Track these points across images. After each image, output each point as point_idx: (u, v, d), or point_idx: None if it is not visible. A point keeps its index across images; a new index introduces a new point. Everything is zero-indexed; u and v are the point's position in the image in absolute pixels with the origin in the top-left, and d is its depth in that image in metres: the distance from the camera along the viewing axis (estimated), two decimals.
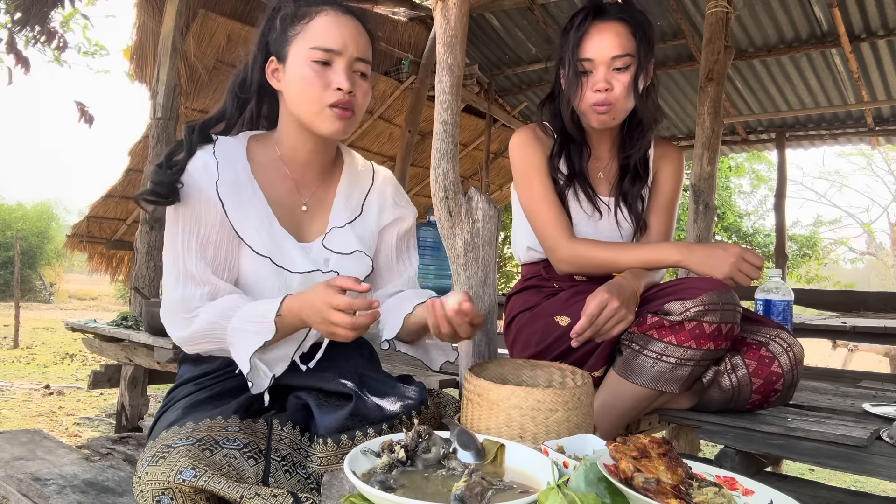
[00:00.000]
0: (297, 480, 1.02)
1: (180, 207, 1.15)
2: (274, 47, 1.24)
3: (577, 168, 1.70)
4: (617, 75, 1.58)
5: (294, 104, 1.21)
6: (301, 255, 1.22)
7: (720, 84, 3.19)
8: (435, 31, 1.64)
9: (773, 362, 1.50)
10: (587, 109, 1.61)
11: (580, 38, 1.59)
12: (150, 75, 3.92)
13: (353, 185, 1.34)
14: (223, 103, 1.28)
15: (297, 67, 1.19)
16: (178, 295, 1.13)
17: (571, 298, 1.63)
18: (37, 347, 7.65)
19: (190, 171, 1.16)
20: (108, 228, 6.11)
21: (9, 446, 1.81)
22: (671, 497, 0.75)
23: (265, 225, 1.20)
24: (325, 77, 1.18)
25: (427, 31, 5.63)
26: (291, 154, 1.27)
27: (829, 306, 4.81)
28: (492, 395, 1.07)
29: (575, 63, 1.60)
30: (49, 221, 17.88)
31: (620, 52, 1.56)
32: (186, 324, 1.12)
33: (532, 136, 1.73)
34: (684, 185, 2.09)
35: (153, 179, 1.13)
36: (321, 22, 1.20)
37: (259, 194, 1.22)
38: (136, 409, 3.19)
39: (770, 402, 1.55)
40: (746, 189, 15.90)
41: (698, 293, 1.43)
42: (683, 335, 1.44)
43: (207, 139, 1.23)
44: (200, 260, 1.15)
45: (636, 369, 1.49)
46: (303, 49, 1.19)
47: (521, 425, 1.05)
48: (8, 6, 4.00)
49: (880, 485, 3.33)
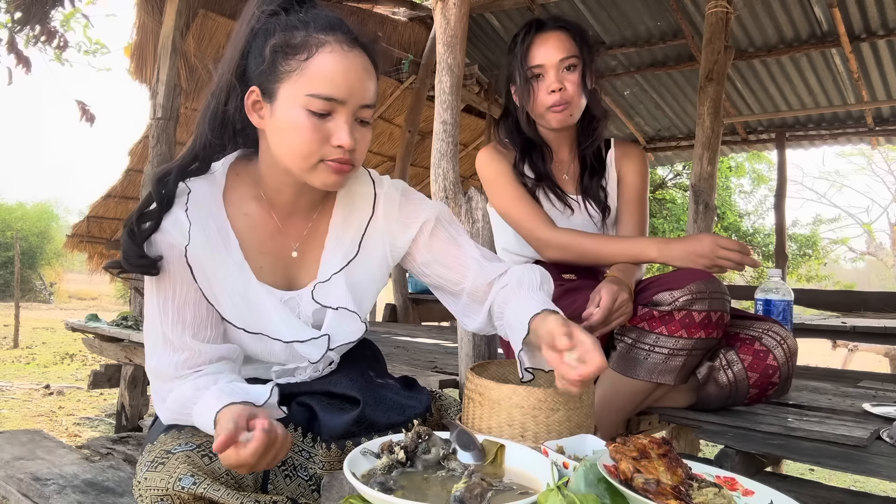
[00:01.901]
0: (298, 484, 1.01)
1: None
2: (259, 79, 1.02)
3: (543, 170, 1.77)
4: (567, 75, 1.68)
5: (281, 153, 1.03)
6: (283, 315, 1.09)
7: (720, 84, 3.19)
8: (435, 31, 1.64)
9: (768, 356, 1.54)
10: (544, 112, 1.69)
11: (527, 49, 1.69)
12: (150, 75, 3.92)
13: (349, 217, 1.16)
14: (194, 140, 1.08)
15: (289, 114, 0.99)
16: (155, 362, 1.04)
17: (562, 297, 1.65)
18: (37, 347, 7.65)
19: (164, 227, 1.02)
20: (108, 228, 6.12)
21: (9, 446, 1.81)
22: (671, 498, 0.75)
23: (239, 287, 1.06)
24: (323, 130, 1.00)
25: (427, 31, 5.62)
26: (275, 196, 1.11)
27: (829, 306, 4.81)
28: (493, 394, 1.07)
29: (525, 71, 1.69)
30: (49, 221, 17.90)
31: (566, 54, 1.67)
32: (163, 395, 1.04)
33: (494, 151, 1.79)
34: (685, 185, 2.12)
35: (124, 250, 1.00)
36: (324, 61, 0.99)
37: (235, 250, 1.07)
38: (136, 409, 3.19)
39: (768, 395, 1.58)
40: (746, 189, 15.90)
41: (686, 282, 1.46)
42: (674, 325, 1.46)
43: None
44: (178, 323, 1.03)
45: (630, 363, 1.52)
46: (298, 93, 0.99)
47: (522, 424, 1.05)
48: (8, 6, 4.00)
49: (880, 485, 3.33)
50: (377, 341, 1.36)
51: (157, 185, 1.03)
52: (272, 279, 1.11)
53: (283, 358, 1.13)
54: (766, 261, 13.20)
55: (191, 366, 1.02)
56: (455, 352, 2.56)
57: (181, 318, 1.03)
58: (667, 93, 5.79)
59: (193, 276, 1.03)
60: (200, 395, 0.98)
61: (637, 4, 4.85)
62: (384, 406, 1.12)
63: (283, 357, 1.13)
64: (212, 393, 0.96)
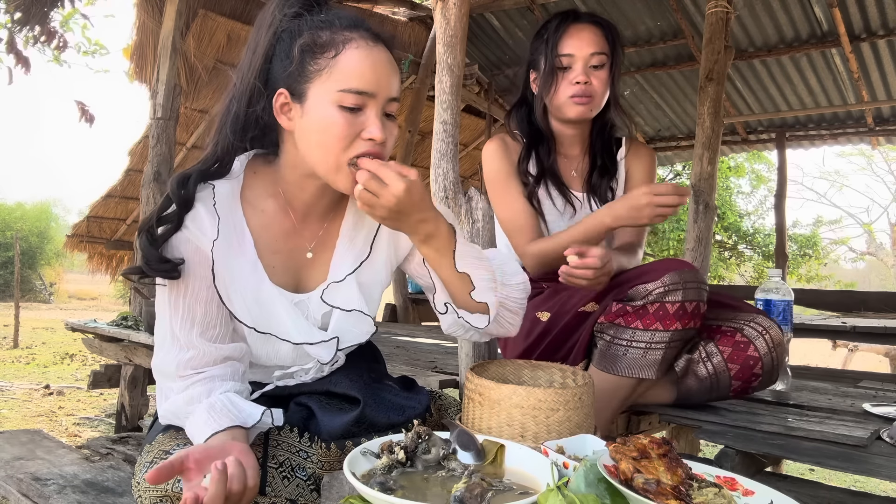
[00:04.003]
0: (297, 485, 1.00)
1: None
2: (287, 81, 1.03)
3: (547, 165, 1.75)
4: (594, 72, 1.66)
5: (310, 152, 1.03)
6: (294, 317, 1.09)
7: (720, 84, 3.19)
8: (435, 31, 1.64)
9: (748, 346, 1.53)
10: (565, 102, 1.67)
11: (559, 37, 1.67)
12: (150, 75, 3.92)
13: (361, 218, 1.16)
14: (215, 144, 1.08)
15: (322, 112, 1.00)
16: (160, 359, 1.05)
17: (552, 296, 1.68)
18: (37, 347, 7.65)
19: (185, 225, 1.02)
20: (108, 228, 6.12)
21: (9, 446, 1.81)
22: (671, 498, 0.75)
23: (252, 286, 1.07)
24: (356, 125, 1.00)
25: (427, 31, 5.62)
26: (296, 194, 1.11)
27: (829, 306, 4.82)
28: (493, 394, 1.07)
29: (553, 59, 1.66)
30: (49, 221, 17.88)
31: (598, 49, 1.65)
32: (165, 394, 1.04)
33: (501, 145, 1.77)
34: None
35: (144, 255, 1.00)
36: (352, 56, 1.00)
37: (249, 249, 1.08)
38: (136, 409, 3.19)
39: (753, 386, 1.57)
40: (746, 189, 15.91)
41: (659, 275, 1.46)
42: (648, 319, 1.47)
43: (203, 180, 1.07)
44: (187, 320, 1.03)
45: (610, 359, 1.52)
46: (330, 90, 0.99)
47: (522, 424, 1.05)
48: (8, 6, 4.00)
49: (880, 485, 3.33)
50: (377, 341, 1.36)
51: (178, 187, 1.03)
52: (283, 280, 1.11)
53: (288, 360, 1.13)
54: (767, 261, 13.20)
55: (194, 366, 1.02)
56: (455, 352, 2.56)
57: (191, 315, 1.03)
58: (667, 93, 5.79)
59: (213, 271, 1.03)
60: (192, 409, 0.98)
61: (637, 4, 4.85)
62: (384, 406, 1.12)
63: (289, 359, 1.13)
64: (201, 412, 0.96)
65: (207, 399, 0.98)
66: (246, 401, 1.01)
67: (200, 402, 0.98)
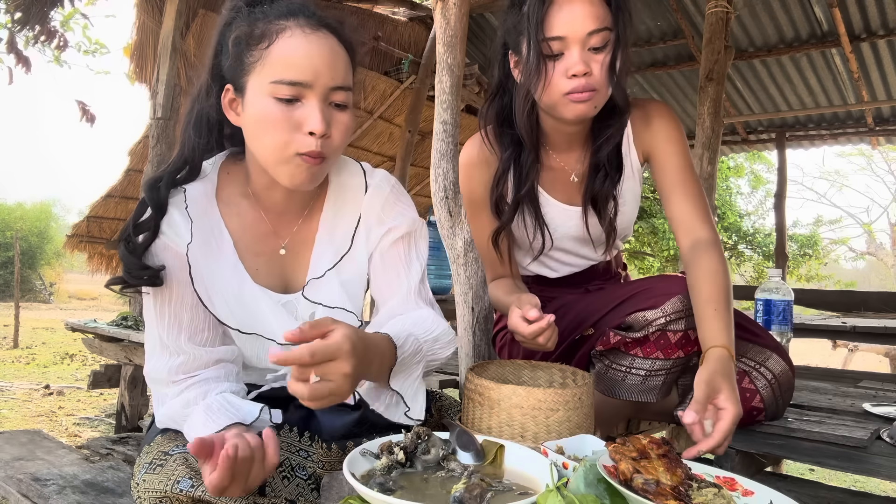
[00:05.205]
0: (297, 485, 1.00)
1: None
2: (229, 74, 1.02)
3: (526, 184, 1.46)
4: (594, 56, 1.27)
5: (255, 147, 1.02)
6: (280, 317, 1.07)
7: (720, 84, 3.19)
8: (435, 31, 1.64)
9: (754, 397, 1.40)
10: (559, 100, 1.30)
11: (545, 12, 1.25)
12: (150, 75, 3.92)
13: (340, 210, 1.13)
14: (182, 145, 1.07)
15: (258, 104, 0.98)
16: (151, 366, 1.04)
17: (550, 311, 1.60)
18: (37, 347, 7.65)
19: (161, 231, 1.01)
20: (108, 228, 6.11)
21: (9, 446, 1.81)
22: (671, 498, 0.75)
23: (233, 287, 1.05)
24: (294, 117, 0.97)
25: (427, 31, 5.62)
26: (265, 193, 1.09)
27: (829, 306, 4.82)
28: (493, 394, 1.07)
29: (539, 44, 1.26)
30: (49, 221, 17.88)
31: (598, 25, 1.24)
32: (161, 400, 1.04)
33: (476, 155, 1.52)
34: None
35: (125, 265, 0.98)
36: (285, 46, 0.97)
37: (229, 250, 1.06)
38: (136, 409, 3.18)
39: (756, 420, 1.45)
40: (746, 189, 15.92)
41: (659, 301, 1.34)
42: (649, 347, 1.37)
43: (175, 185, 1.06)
44: (174, 327, 1.02)
45: (608, 383, 1.44)
46: (263, 82, 0.97)
47: (521, 424, 1.05)
48: (8, 6, 4.00)
49: (880, 485, 3.33)
50: None
51: (150, 192, 1.02)
52: (269, 282, 1.10)
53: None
54: (767, 261, 13.20)
55: (186, 371, 1.02)
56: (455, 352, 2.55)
57: (177, 321, 1.03)
58: (667, 93, 5.79)
59: (191, 275, 1.02)
60: (189, 412, 0.98)
61: (637, 4, 4.82)
62: None
63: None
64: (199, 413, 0.96)
65: (204, 401, 0.98)
66: (243, 399, 1.01)
67: (197, 404, 0.98)
